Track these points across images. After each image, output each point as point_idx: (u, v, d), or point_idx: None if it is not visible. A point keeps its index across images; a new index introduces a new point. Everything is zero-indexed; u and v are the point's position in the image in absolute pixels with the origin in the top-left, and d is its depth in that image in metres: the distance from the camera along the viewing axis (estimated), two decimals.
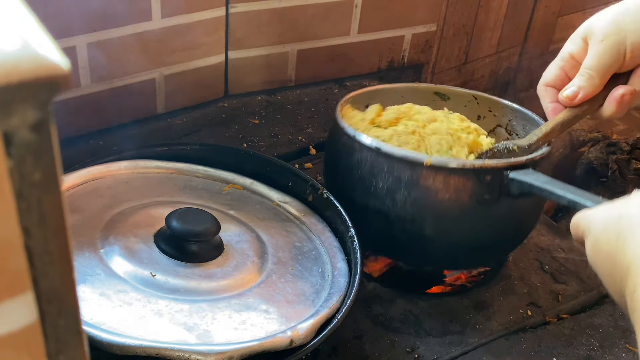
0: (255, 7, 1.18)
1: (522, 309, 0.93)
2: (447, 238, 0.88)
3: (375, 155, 0.85)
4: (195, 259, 0.77)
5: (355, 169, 0.87)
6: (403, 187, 0.84)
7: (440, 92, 1.07)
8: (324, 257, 0.85)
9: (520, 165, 0.82)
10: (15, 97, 0.26)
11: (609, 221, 0.57)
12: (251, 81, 1.27)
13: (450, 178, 0.82)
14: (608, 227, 0.56)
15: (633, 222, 0.54)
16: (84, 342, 0.35)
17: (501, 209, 0.85)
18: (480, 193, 0.83)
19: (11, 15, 0.29)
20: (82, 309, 0.39)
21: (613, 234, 0.55)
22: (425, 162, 0.81)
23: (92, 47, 1.04)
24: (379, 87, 1.05)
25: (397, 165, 0.83)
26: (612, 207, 0.59)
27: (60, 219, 0.30)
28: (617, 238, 0.54)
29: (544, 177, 0.81)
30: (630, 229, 0.53)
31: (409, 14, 1.37)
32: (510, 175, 0.81)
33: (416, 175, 0.83)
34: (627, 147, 1.35)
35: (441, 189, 0.83)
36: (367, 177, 0.86)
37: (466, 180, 0.82)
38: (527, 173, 0.81)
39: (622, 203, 0.58)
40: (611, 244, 0.55)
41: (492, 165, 0.82)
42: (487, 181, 0.82)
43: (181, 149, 0.96)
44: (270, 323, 0.72)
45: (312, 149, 1.15)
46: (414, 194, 0.84)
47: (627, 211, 0.56)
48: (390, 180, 0.84)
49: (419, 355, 0.84)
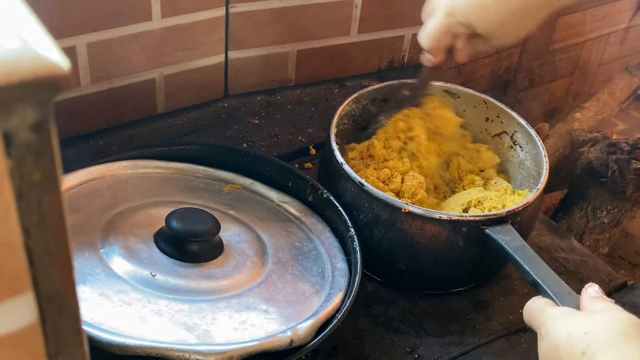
0: (255, 7, 1.18)
1: (522, 309, 0.93)
2: (420, 273, 0.90)
3: (358, 190, 0.87)
4: (195, 259, 0.77)
5: (341, 194, 0.89)
6: (380, 225, 0.86)
7: (451, 91, 1.07)
8: (324, 257, 0.85)
9: (499, 219, 0.84)
10: (15, 97, 0.26)
11: (574, 334, 0.59)
12: (251, 81, 1.26)
13: (426, 225, 0.84)
14: (572, 339, 0.59)
15: (601, 342, 0.57)
16: (84, 342, 0.35)
17: (475, 254, 0.87)
18: (455, 241, 0.85)
19: (11, 15, 0.29)
20: (82, 309, 0.39)
21: (577, 348, 0.58)
22: (403, 210, 0.84)
23: (92, 47, 1.04)
24: (390, 84, 1.05)
25: (377, 204, 0.86)
26: (577, 319, 0.61)
27: (60, 219, 0.30)
28: (583, 353, 0.57)
29: (518, 240, 0.82)
30: (600, 349, 0.56)
31: (409, 14, 1.37)
32: (486, 231, 0.83)
33: (394, 217, 0.85)
34: (627, 147, 1.34)
35: (417, 233, 0.85)
36: (350, 206, 0.88)
37: (442, 229, 0.84)
38: (504, 230, 0.83)
39: (589, 318, 0.61)
40: (574, 357, 0.58)
41: (469, 219, 0.84)
42: (462, 232, 0.84)
43: (181, 149, 0.96)
44: (270, 323, 0.72)
45: (312, 149, 1.15)
46: (389, 234, 0.86)
47: (595, 329, 0.58)
48: (369, 215, 0.87)
49: (419, 355, 0.84)
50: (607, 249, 1.42)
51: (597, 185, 1.36)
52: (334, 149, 0.90)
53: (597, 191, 1.37)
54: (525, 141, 1.01)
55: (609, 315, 0.60)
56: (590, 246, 1.37)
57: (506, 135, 1.04)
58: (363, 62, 1.37)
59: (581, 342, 0.58)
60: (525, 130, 1.01)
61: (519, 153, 1.02)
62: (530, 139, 0.99)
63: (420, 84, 1.02)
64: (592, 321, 0.60)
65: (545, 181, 0.91)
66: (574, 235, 1.34)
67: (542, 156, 0.95)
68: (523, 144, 1.01)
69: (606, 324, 0.59)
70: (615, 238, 1.43)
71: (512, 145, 1.03)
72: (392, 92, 1.04)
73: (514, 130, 1.03)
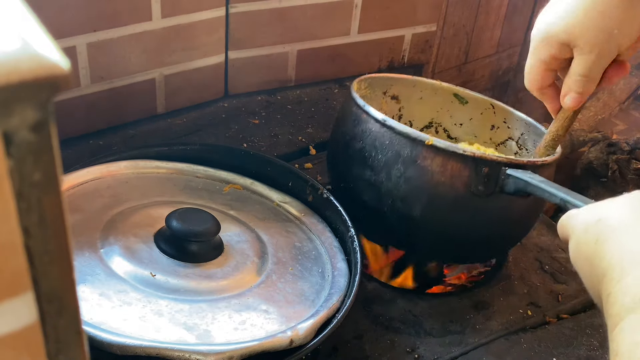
0: (255, 7, 1.18)
1: (522, 309, 0.93)
2: (435, 224, 0.87)
3: (379, 127, 0.85)
4: (195, 259, 0.77)
5: (358, 139, 0.87)
6: (400, 163, 0.84)
7: (459, 95, 1.06)
8: (324, 257, 0.85)
9: (520, 165, 0.82)
10: (15, 97, 0.26)
11: (589, 223, 0.56)
12: (251, 81, 1.26)
13: (448, 162, 0.82)
14: (588, 229, 0.56)
15: (612, 226, 0.54)
16: (84, 342, 0.35)
17: (494, 204, 0.84)
18: (475, 183, 0.82)
19: (11, 15, 0.29)
20: (82, 309, 0.39)
21: (592, 236, 0.55)
22: (426, 141, 0.82)
23: (92, 47, 1.04)
24: (401, 77, 1.05)
25: (399, 140, 0.83)
26: (594, 209, 0.58)
27: (60, 219, 0.30)
28: (596, 241, 0.54)
29: (540, 177, 0.80)
30: (610, 233, 0.53)
31: (409, 14, 1.37)
32: (507, 171, 0.81)
33: (415, 152, 0.83)
34: (627, 147, 1.34)
35: (437, 171, 0.82)
36: (368, 148, 0.86)
37: (463, 167, 0.82)
38: (525, 173, 0.81)
39: (605, 205, 0.57)
40: (590, 247, 0.55)
41: (491, 158, 0.81)
42: (484, 173, 0.81)
43: (181, 149, 0.96)
44: (270, 323, 0.72)
45: (312, 149, 1.15)
46: (409, 172, 0.83)
47: (607, 214, 0.55)
48: (389, 153, 0.84)
49: (419, 355, 0.84)
50: None
51: (597, 185, 1.36)
52: (355, 97, 0.89)
53: (597, 191, 1.37)
54: (532, 140, 1.00)
55: (627, 198, 0.56)
56: None
57: (511, 141, 1.03)
58: (363, 62, 1.37)
59: (595, 230, 0.55)
60: (534, 128, 0.99)
61: (525, 157, 1.01)
62: (540, 135, 0.97)
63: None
64: (608, 207, 0.56)
65: (560, 152, 0.89)
66: None
67: None
68: (530, 145, 1.00)
69: (620, 207, 0.55)
70: None
71: (518, 150, 1.02)
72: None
73: (520, 133, 1.02)
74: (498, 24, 1.58)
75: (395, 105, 1.05)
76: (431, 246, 0.90)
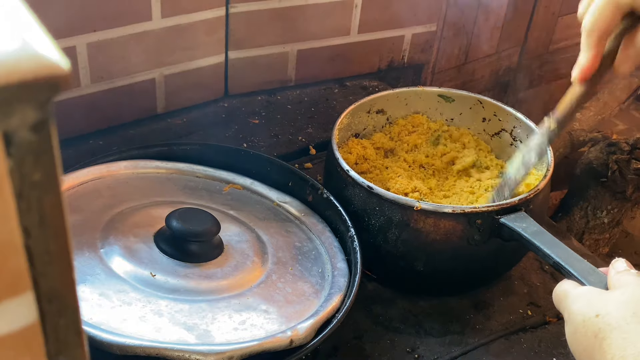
0: (255, 7, 1.18)
1: (522, 309, 0.93)
2: (438, 274, 0.89)
3: (366, 194, 0.86)
4: (195, 259, 0.77)
5: (349, 202, 0.88)
6: (394, 227, 0.85)
7: (445, 95, 1.07)
8: (324, 257, 0.85)
9: (512, 208, 0.83)
10: (15, 97, 0.26)
11: (587, 316, 0.58)
12: (251, 81, 1.26)
13: (440, 222, 0.83)
14: (586, 322, 0.58)
15: (612, 325, 0.56)
16: (84, 342, 0.35)
17: (491, 247, 0.86)
18: (471, 235, 0.84)
19: (11, 15, 0.29)
20: (82, 309, 0.39)
21: (591, 331, 0.57)
22: (415, 207, 0.83)
23: (92, 47, 1.04)
24: (382, 94, 1.05)
25: (388, 206, 0.84)
26: (591, 301, 0.60)
27: (60, 219, 0.30)
28: (595, 336, 0.56)
29: (534, 225, 0.81)
30: (609, 332, 0.55)
31: (409, 14, 1.37)
32: (501, 220, 0.82)
33: (406, 217, 0.84)
34: (627, 147, 1.34)
35: (431, 231, 0.84)
36: (360, 213, 0.87)
37: (456, 223, 0.83)
38: (519, 218, 0.82)
39: (602, 300, 0.59)
40: (589, 340, 0.57)
41: (482, 210, 0.83)
42: (477, 224, 0.83)
43: (181, 149, 0.96)
44: (270, 323, 0.72)
45: (312, 149, 1.15)
46: (404, 235, 0.85)
47: (606, 311, 0.57)
48: (381, 219, 0.86)
49: (419, 355, 0.84)
50: (607, 249, 1.42)
51: (597, 185, 1.36)
52: (337, 157, 0.89)
53: (597, 191, 1.37)
54: (525, 135, 1.00)
55: (626, 293, 0.58)
56: (591, 246, 1.37)
57: (505, 133, 1.04)
58: (363, 62, 1.37)
59: (594, 325, 0.57)
60: (524, 124, 1.00)
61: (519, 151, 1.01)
62: (531, 132, 0.99)
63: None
64: (606, 302, 0.58)
65: (552, 167, 0.90)
66: (574, 235, 1.34)
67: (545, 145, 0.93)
68: (524, 138, 1.01)
69: (620, 304, 0.57)
70: (615, 238, 1.43)
71: (513, 141, 1.03)
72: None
73: (512, 126, 1.03)
74: (498, 24, 1.58)
75: (382, 117, 1.06)
76: (431, 288, 0.93)
